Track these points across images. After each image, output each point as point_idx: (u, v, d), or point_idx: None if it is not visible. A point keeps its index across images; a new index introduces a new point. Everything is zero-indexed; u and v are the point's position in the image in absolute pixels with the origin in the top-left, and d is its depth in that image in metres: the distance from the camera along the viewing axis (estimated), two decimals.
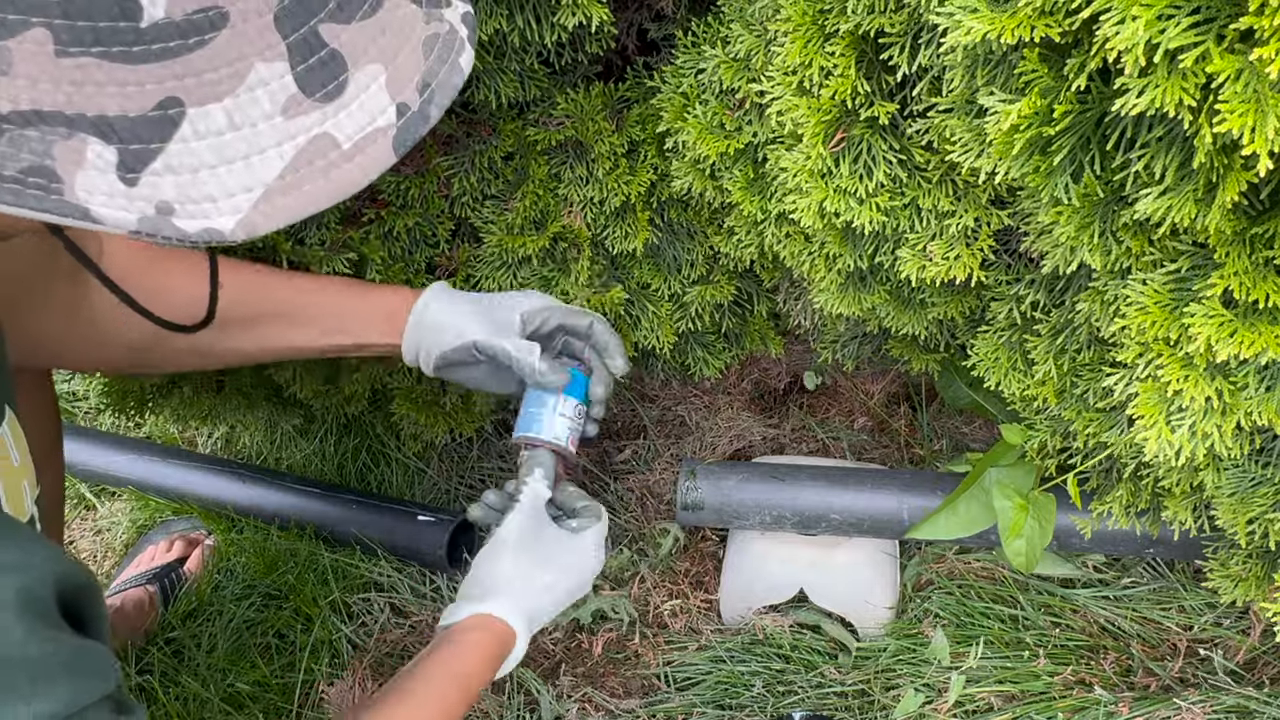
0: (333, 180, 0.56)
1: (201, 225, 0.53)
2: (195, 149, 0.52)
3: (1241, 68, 0.65)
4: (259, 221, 0.54)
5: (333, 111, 0.56)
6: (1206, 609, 1.45)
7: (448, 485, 1.85)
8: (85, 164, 0.51)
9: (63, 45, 0.49)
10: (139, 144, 0.51)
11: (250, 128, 0.54)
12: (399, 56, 0.59)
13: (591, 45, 1.28)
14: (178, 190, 0.52)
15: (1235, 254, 0.80)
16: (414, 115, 0.59)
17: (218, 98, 0.52)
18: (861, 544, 1.49)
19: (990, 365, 1.16)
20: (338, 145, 0.56)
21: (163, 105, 0.51)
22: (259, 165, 0.54)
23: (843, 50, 0.96)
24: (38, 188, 0.50)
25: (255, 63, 0.53)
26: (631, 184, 1.35)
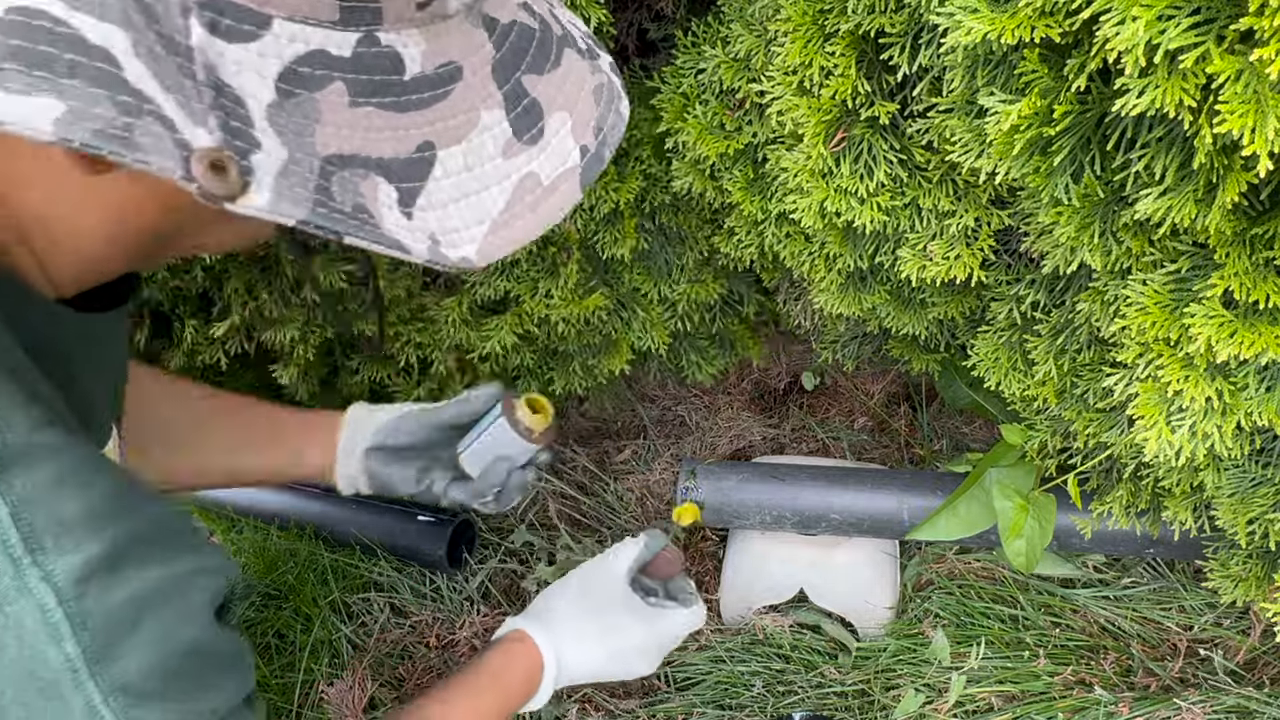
0: (539, 214, 0.64)
1: (459, 254, 0.60)
2: (444, 186, 0.60)
3: (1241, 68, 0.65)
4: (490, 251, 0.62)
5: (536, 153, 0.63)
6: (1206, 609, 1.45)
7: None
8: (380, 201, 0.58)
9: (353, 96, 0.56)
10: (410, 183, 0.58)
11: (480, 168, 0.61)
12: (578, 104, 0.67)
13: None
14: (438, 223, 0.59)
15: (1235, 254, 0.80)
16: (592, 156, 0.67)
17: (457, 141, 0.60)
18: (861, 544, 1.49)
19: (990, 365, 1.16)
20: (541, 183, 0.64)
21: (421, 148, 0.59)
22: (487, 201, 0.61)
23: (843, 50, 0.96)
24: (368, 223, 0.57)
25: (481, 111, 0.61)
26: (620, 191, 1.35)
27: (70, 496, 0.60)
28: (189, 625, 0.63)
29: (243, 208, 0.54)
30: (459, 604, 1.63)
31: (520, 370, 1.57)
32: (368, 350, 1.58)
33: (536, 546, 1.70)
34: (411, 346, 1.51)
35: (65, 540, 0.58)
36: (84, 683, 0.58)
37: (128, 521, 0.62)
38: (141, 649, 0.60)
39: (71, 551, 0.58)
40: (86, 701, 0.58)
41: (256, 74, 0.53)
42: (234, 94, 0.53)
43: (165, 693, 0.61)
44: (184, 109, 0.52)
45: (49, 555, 0.58)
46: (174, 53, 0.51)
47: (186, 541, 0.67)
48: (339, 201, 0.56)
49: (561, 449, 1.86)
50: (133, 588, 0.60)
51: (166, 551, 0.64)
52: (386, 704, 1.49)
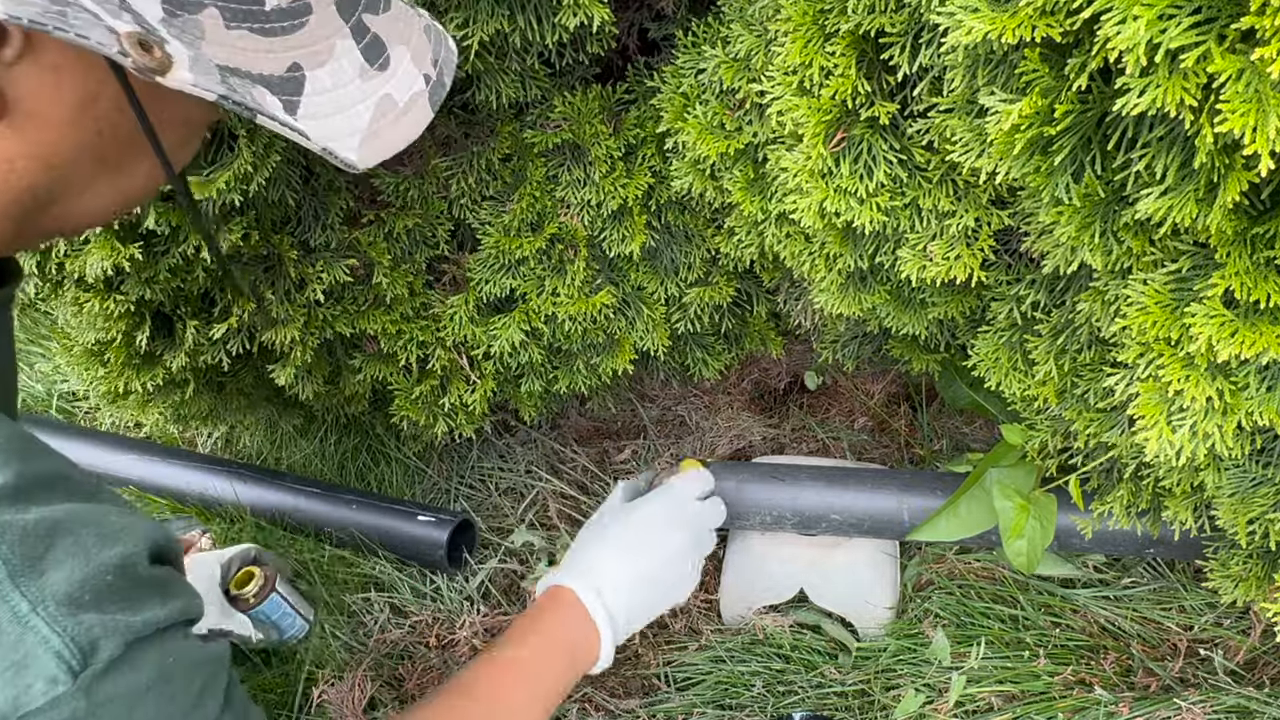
0: (400, 128, 0.74)
1: (345, 156, 0.70)
2: (318, 102, 0.69)
3: (1243, 68, 0.65)
4: (367, 157, 0.72)
5: (388, 78, 0.74)
6: (1207, 609, 1.45)
7: (447, 485, 1.85)
8: (268, 106, 0.67)
9: (227, 21, 0.65)
10: (289, 96, 0.68)
11: (344, 88, 0.71)
12: (413, 40, 0.77)
13: (592, 45, 1.28)
14: (318, 131, 0.69)
15: (1236, 254, 0.80)
16: (435, 83, 0.78)
17: (321, 64, 0.70)
18: (861, 544, 1.49)
19: (991, 365, 1.15)
20: (396, 105, 0.74)
21: (291, 69, 0.68)
22: (355, 116, 0.71)
23: (843, 50, 0.96)
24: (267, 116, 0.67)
25: (335, 40, 0.71)
26: (629, 187, 1.35)
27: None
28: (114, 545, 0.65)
29: (171, 81, 0.62)
30: (459, 604, 1.62)
31: (525, 368, 1.57)
32: (370, 349, 1.58)
33: (536, 546, 1.70)
34: (414, 345, 1.51)
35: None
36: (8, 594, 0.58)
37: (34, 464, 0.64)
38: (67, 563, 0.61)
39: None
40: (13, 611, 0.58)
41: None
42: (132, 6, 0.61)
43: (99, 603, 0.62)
44: (102, 5, 0.59)
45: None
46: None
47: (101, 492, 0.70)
48: (240, 95, 0.64)
49: (562, 449, 1.86)
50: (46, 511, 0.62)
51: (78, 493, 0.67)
52: (387, 704, 1.48)
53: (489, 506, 1.81)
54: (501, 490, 1.82)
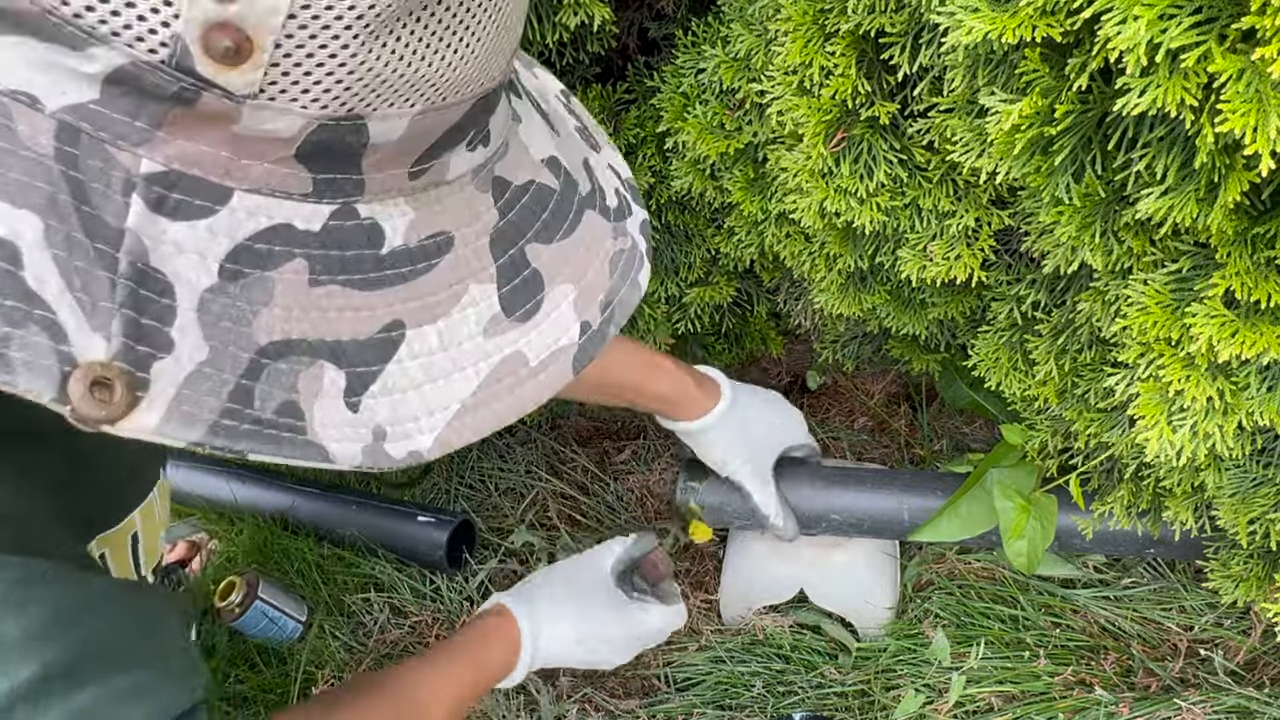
0: (516, 397, 0.57)
1: (406, 449, 0.53)
2: (408, 369, 0.53)
3: (1243, 67, 0.65)
4: (451, 439, 0.55)
5: (526, 330, 0.57)
6: (1207, 609, 1.45)
7: (447, 485, 1.85)
8: (321, 393, 0.51)
9: (315, 274, 0.50)
10: (363, 367, 0.52)
11: (456, 347, 0.55)
12: (588, 274, 0.61)
13: (593, 45, 1.27)
14: (390, 411, 0.53)
15: (1237, 254, 0.80)
16: (594, 333, 0.60)
17: (434, 319, 0.54)
18: (861, 544, 1.49)
19: (991, 366, 1.15)
20: (526, 363, 0.57)
21: (387, 328, 0.52)
22: (458, 383, 0.55)
23: (843, 50, 0.96)
24: (289, 429, 0.50)
25: (470, 284, 0.55)
26: None
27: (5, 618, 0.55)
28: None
29: (122, 430, 0.46)
30: (459, 604, 1.62)
31: None
32: None
33: (536, 546, 1.70)
34: None
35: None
36: None
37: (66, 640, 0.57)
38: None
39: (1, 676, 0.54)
40: None
41: (198, 255, 0.48)
42: (161, 282, 0.47)
43: None
44: (84, 312, 0.45)
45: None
46: (97, 238, 0.46)
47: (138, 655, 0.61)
48: (258, 406, 0.49)
49: (562, 449, 1.86)
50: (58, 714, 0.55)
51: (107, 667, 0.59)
52: None
53: (489, 507, 1.81)
54: (501, 490, 1.82)
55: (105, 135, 0.45)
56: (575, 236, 0.61)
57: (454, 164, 0.55)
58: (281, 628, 1.57)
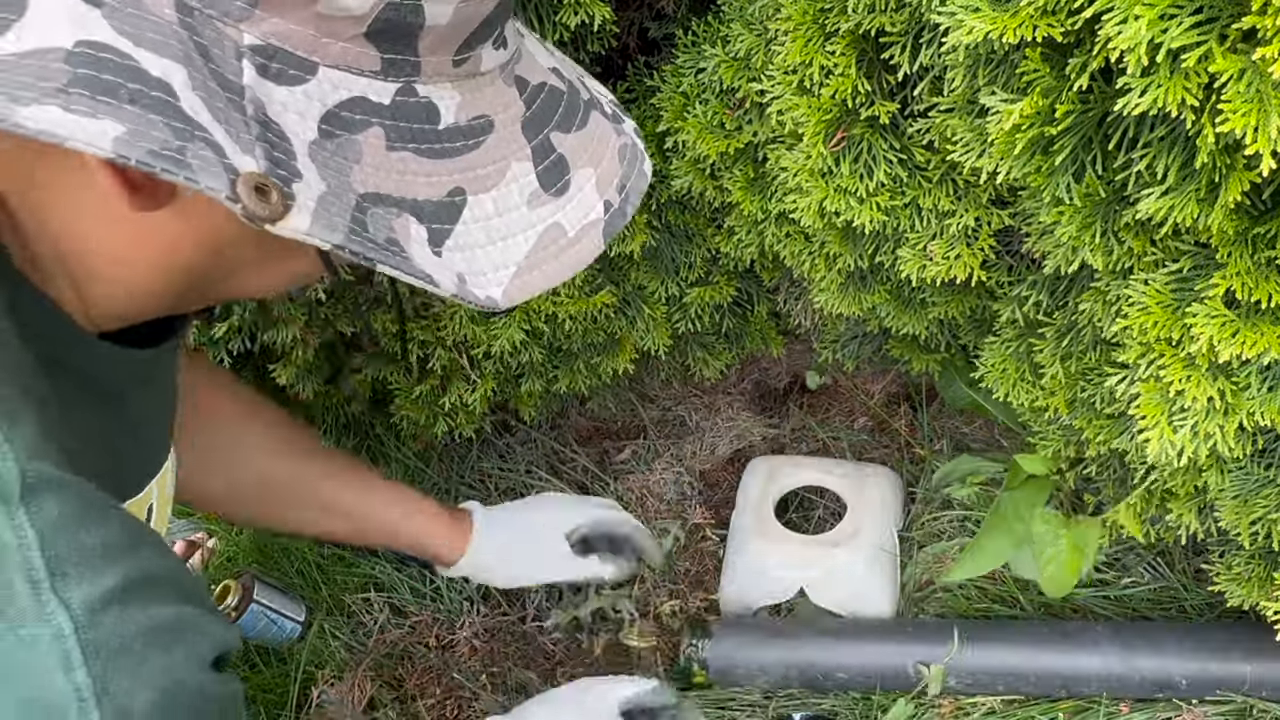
0: (562, 262, 0.67)
1: (484, 293, 0.63)
2: (472, 230, 0.63)
3: (1244, 67, 0.65)
4: (514, 294, 0.64)
5: (562, 205, 0.67)
6: (1207, 609, 1.45)
7: (448, 485, 1.85)
8: (411, 239, 0.60)
9: (391, 141, 0.60)
10: (438, 224, 0.62)
11: (508, 215, 0.65)
12: (603, 162, 0.71)
13: (593, 44, 1.27)
14: (466, 264, 0.63)
15: (1237, 254, 0.80)
16: (615, 211, 0.71)
17: (487, 189, 0.64)
18: (861, 544, 1.49)
19: (999, 377, 1.15)
20: (565, 234, 0.67)
21: (452, 193, 0.62)
22: (513, 247, 0.65)
23: (843, 49, 0.96)
24: (398, 254, 0.60)
25: (511, 162, 0.65)
26: None
27: (92, 528, 0.59)
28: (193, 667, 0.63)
29: (283, 229, 0.56)
30: (459, 604, 1.62)
31: (525, 368, 1.57)
32: (370, 349, 1.58)
33: None
34: (414, 344, 1.51)
35: (85, 569, 0.58)
36: (89, 713, 0.56)
37: (141, 559, 0.62)
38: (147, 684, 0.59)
39: (90, 581, 0.58)
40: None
41: (299, 115, 0.57)
42: (279, 130, 0.56)
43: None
44: (233, 138, 0.55)
45: (69, 583, 0.57)
46: (226, 89, 0.55)
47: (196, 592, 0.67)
48: (372, 233, 0.59)
49: (562, 449, 1.86)
50: (143, 622, 0.60)
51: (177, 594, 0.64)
52: (386, 705, 1.48)
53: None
54: (501, 490, 1.82)
55: (214, 11, 0.55)
56: (587, 130, 0.71)
57: (486, 58, 0.65)
58: (280, 629, 1.57)
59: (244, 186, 0.54)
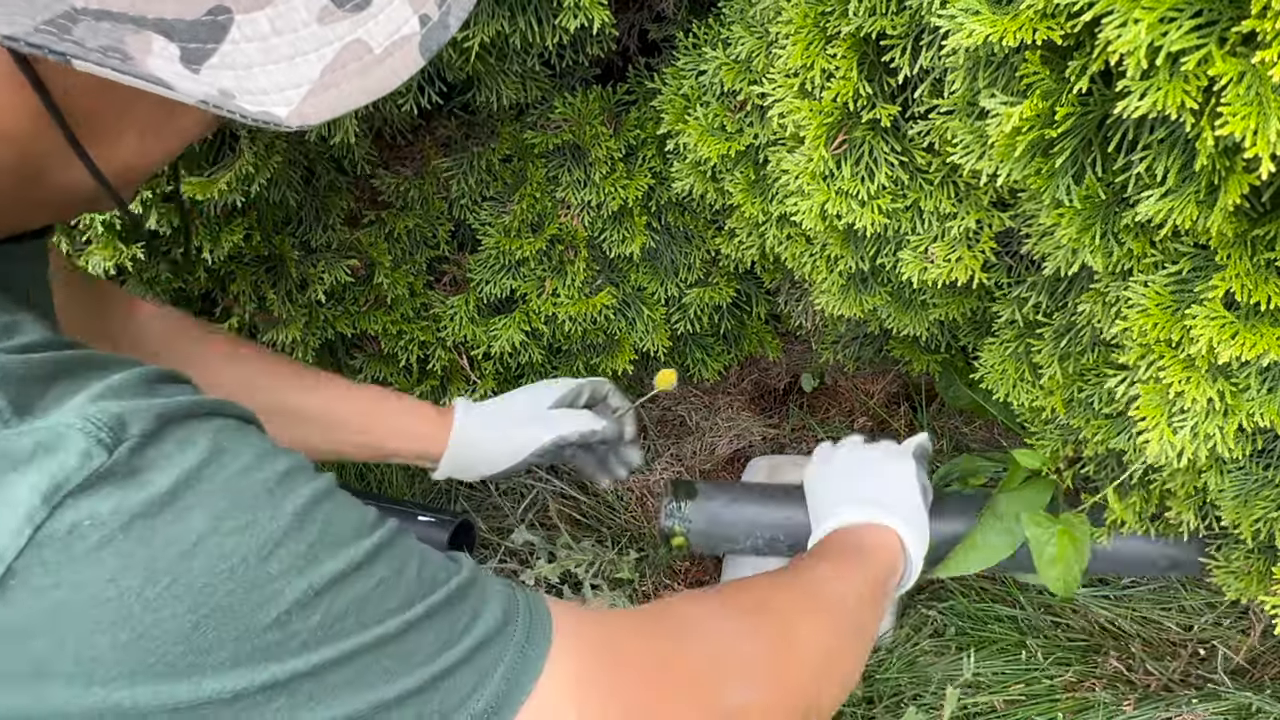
0: (370, 79, 0.62)
1: (260, 108, 0.57)
2: (245, 50, 0.57)
3: (1244, 71, 0.65)
4: (308, 112, 0.59)
5: (363, 20, 0.61)
6: (1207, 609, 1.45)
7: (447, 485, 1.85)
8: (153, 53, 0.54)
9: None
10: (196, 42, 0.56)
11: (291, 33, 0.59)
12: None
13: (592, 47, 1.28)
14: (235, 81, 0.57)
15: (1237, 256, 0.80)
16: (435, 24, 0.64)
17: (260, 6, 0.58)
18: None
19: (998, 378, 1.15)
20: (370, 50, 0.62)
21: (213, 12, 0.56)
22: (303, 65, 0.59)
23: (844, 52, 0.96)
24: (117, 57, 0.53)
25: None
26: (629, 188, 1.35)
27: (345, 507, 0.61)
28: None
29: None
30: None
31: (526, 369, 1.57)
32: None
33: (536, 546, 1.70)
34: (415, 345, 1.51)
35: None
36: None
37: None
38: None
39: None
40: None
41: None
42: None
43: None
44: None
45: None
46: None
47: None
48: (77, 35, 0.52)
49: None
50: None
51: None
52: None
53: (489, 506, 1.81)
54: (501, 490, 1.82)
55: None
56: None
57: None
58: None
59: None
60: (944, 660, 1.43)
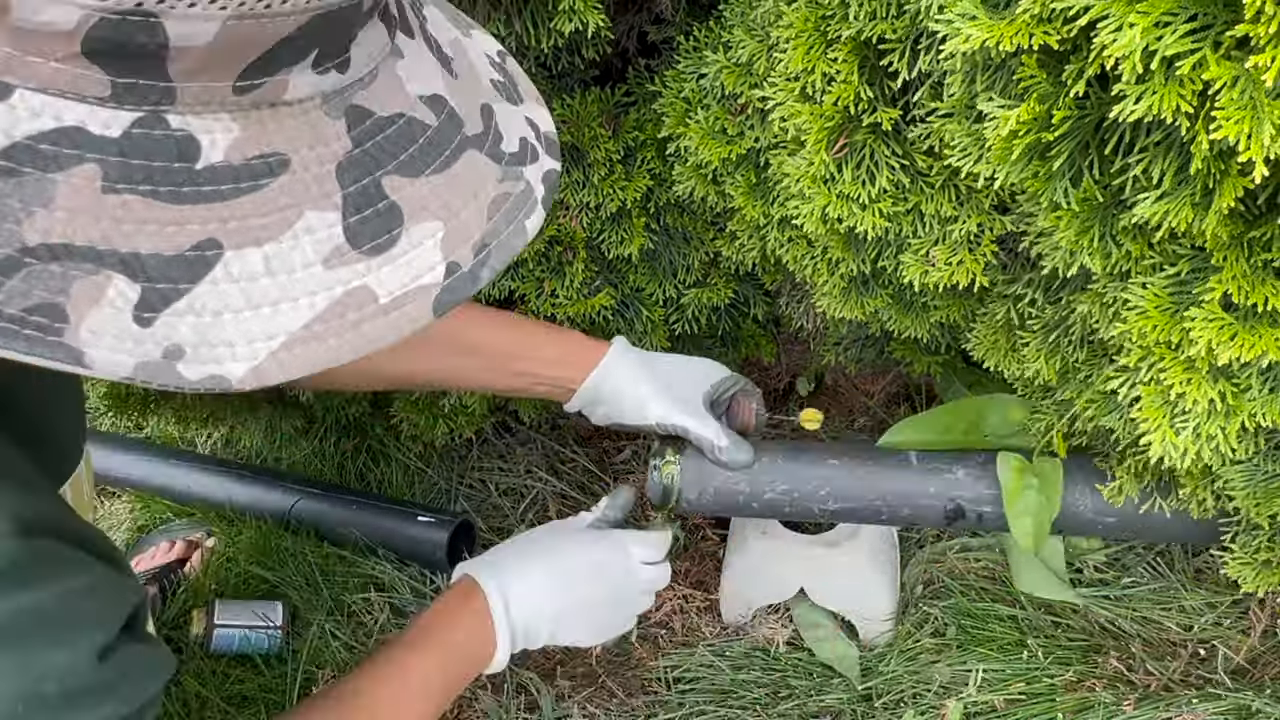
0: (361, 334, 0.53)
1: (206, 372, 0.50)
2: (225, 291, 0.50)
3: (1238, 75, 0.65)
4: (272, 370, 0.51)
5: (377, 265, 0.54)
6: (1207, 609, 1.45)
7: (448, 485, 1.86)
8: (102, 302, 0.48)
9: (110, 181, 0.47)
10: (166, 283, 0.49)
11: (287, 274, 0.52)
12: (462, 213, 0.58)
13: (588, 50, 1.28)
14: (195, 333, 0.50)
15: (1233, 258, 0.81)
16: (463, 275, 0.56)
17: (258, 242, 0.51)
18: (862, 543, 1.49)
19: (988, 348, 1.15)
20: (375, 299, 0.54)
21: (200, 246, 0.50)
22: (288, 313, 0.52)
23: (845, 56, 0.96)
24: (36, 328, 0.47)
25: (306, 210, 0.52)
26: (628, 190, 1.35)
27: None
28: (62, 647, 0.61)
29: None
30: None
31: None
32: None
33: None
34: None
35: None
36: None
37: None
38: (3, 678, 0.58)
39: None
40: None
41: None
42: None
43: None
44: None
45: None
46: None
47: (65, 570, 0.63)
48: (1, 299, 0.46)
49: (561, 449, 1.87)
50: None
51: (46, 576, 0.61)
52: None
53: (489, 507, 1.81)
54: (501, 490, 1.82)
55: None
56: (449, 173, 0.58)
57: (296, 84, 0.51)
58: (257, 642, 1.58)
59: None
60: (944, 659, 1.43)
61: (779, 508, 1.32)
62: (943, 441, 1.30)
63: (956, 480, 1.28)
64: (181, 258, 0.49)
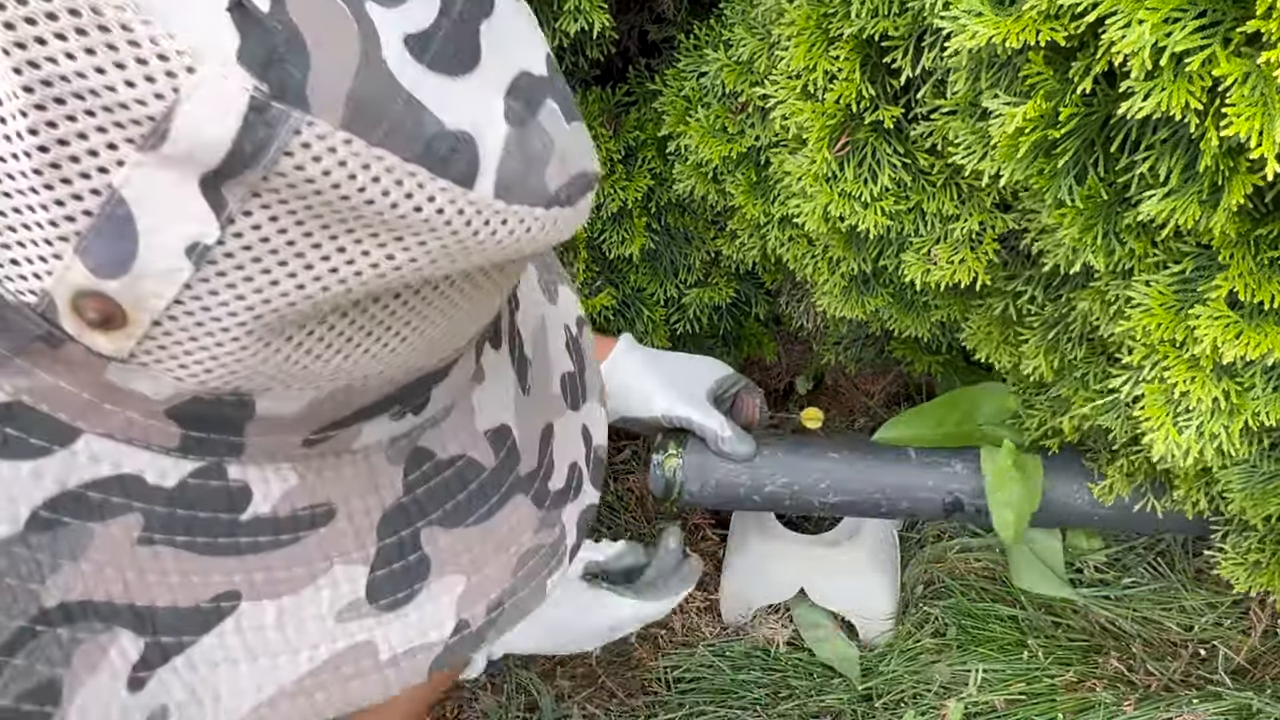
0: (349, 690, 0.49)
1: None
2: (227, 644, 0.46)
3: (1249, 71, 0.65)
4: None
5: (389, 620, 0.50)
6: (1207, 609, 1.45)
7: None
8: (100, 669, 0.43)
9: (149, 532, 0.43)
10: (172, 636, 0.44)
11: (295, 627, 0.48)
12: (487, 568, 0.54)
13: (592, 50, 1.28)
14: (185, 691, 0.45)
15: (1240, 255, 0.81)
16: (469, 635, 0.52)
17: (276, 595, 0.47)
18: (862, 543, 1.49)
19: (982, 339, 1.15)
20: (375, 655, 0.50)
21: (218, 598, 0.45)
22: (284, 665, 0.47)
23: (847, 54, 0.96)
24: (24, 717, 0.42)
25: (335, 564, 0.48)
26: (629, 189, 1.35)
27: None
28: None
29: None
30: None
31: None
32: None
33: None
34: None
35: None
36: None
37: None
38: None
39: None
40: None
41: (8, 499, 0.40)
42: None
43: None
44: None
45: None
46: None
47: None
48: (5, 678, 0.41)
49: None
50: None
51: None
52: None
53: None
54: None
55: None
56: (489, 524, 0.54)
57: (367, 432, 0.48)
58: None
59: None
60: (944, 660, 1.43)
61: (779, 500, 1.34)
62: (936, 435, 1.32)
63: (954, 474, 1.30)
64: (197, 609, 0.45)
